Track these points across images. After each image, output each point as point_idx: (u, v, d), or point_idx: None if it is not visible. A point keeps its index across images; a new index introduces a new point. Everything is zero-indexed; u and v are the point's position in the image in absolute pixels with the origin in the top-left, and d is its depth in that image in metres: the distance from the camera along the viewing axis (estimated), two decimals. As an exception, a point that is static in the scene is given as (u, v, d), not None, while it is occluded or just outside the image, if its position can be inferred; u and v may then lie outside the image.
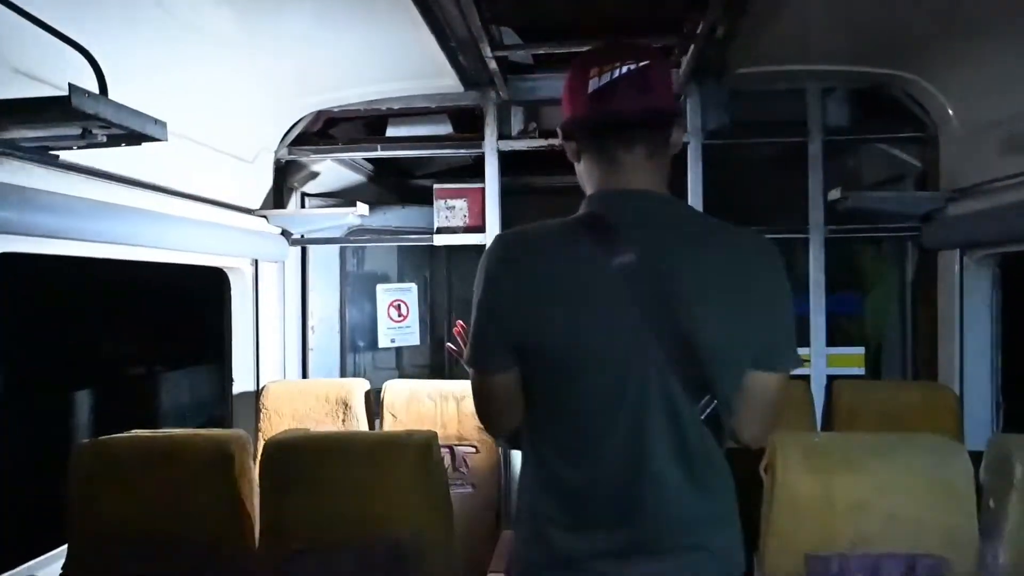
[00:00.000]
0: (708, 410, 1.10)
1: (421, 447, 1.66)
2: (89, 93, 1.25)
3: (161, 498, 1.69)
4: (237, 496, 1.70)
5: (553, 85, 2.86)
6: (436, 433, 1.71)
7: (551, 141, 2.89)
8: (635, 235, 1.08)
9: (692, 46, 2.37)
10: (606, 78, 1.09)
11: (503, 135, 2.92)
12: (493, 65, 2.46)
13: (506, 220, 2.99)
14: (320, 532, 1.66)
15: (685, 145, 2.83)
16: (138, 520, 1.68)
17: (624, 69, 1.09)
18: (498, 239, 1.18)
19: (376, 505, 1.65)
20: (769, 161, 3.49)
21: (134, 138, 1.45)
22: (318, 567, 1.64)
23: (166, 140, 1.51)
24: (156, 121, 1.46)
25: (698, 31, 2.23)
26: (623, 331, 1.07)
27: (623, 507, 1.11)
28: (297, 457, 1.67)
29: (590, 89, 1.10)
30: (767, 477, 1.64)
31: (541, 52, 2.41)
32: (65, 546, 1.71)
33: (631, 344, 1.07)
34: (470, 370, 1.22)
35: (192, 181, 2.39)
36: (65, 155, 1.74)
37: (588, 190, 1.20)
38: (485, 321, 1.14)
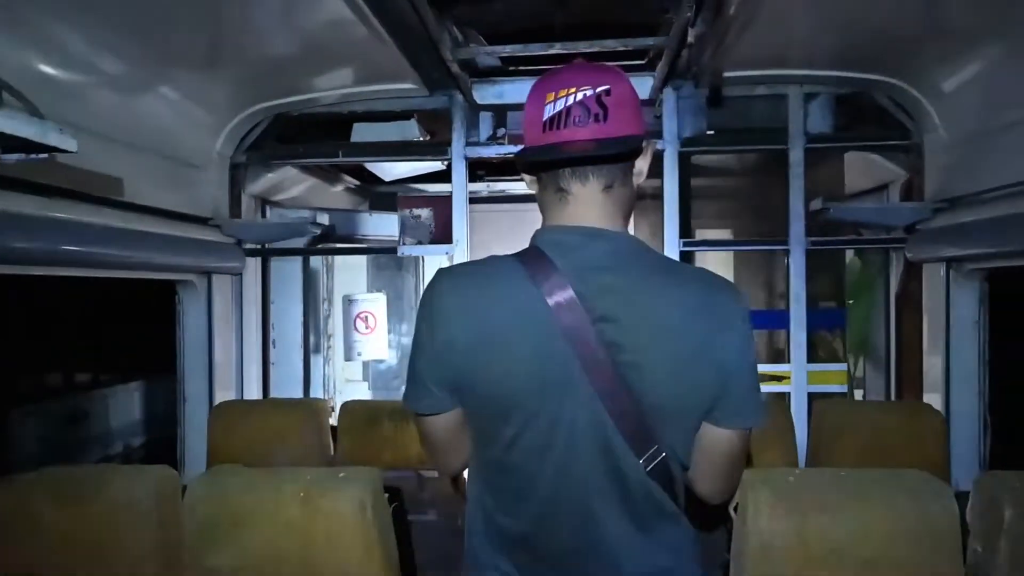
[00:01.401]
0: (655, 462, 1.02)
1: (361, 486, 1.52)
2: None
3: (77, 542, 1.54)
4: (163, 539, 1.56)
5: (522, 89, 2.71)
6: (379, 470, 1.57)
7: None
8: (577, 276, 1.00)
9: (665, 49, 2.25)
10: (560, 104, 1.00)
11: (471, 141, 2.79)
12: (455, 68, 2.32)
13: (475, 230, 2.86)
14: (250, 577, 1.52)
15: (660, 152, 2.70)
16: (50, 568, 1.53)
17: (580, 95, 0.99)
18: (438, 275, 1.11)
19: (312, 550, 1.51)
20: (752, 170, 3.38)
21: (33, 150, 1.30)
22: (248, 616, 1.50)
23: (75, 151, 1.36)
24: (60, 129, 1.32)
25: (671, 33, 2.10)
26: (555, 377, 1.00)
27: (567, 561, 1.06)
28: (225, 497, 1.52)
29: (544, 116, 1.01)
30: (736, 518, 1.52)
31: (505, 55, 2.27)
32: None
33: (563, 390, 1.00)
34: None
35: (137, 190, 2.24)
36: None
37: (542, 223, 1.11)
38: (422, 361, 1.07)
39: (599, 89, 1.00)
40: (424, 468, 2.49)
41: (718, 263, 3.70)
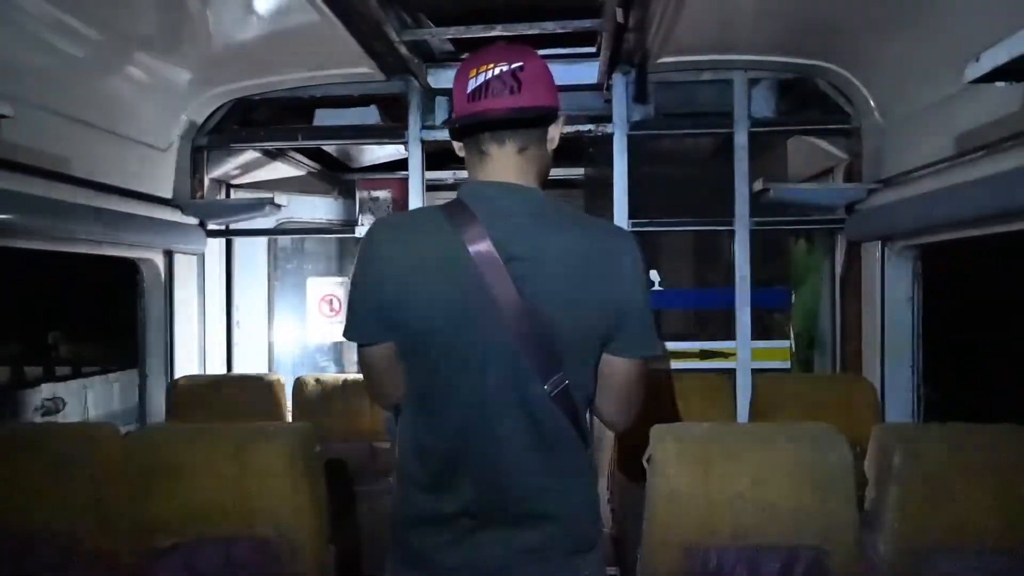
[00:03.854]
0: (559, 388, 1.16)
1: (291, 440, 1.60)
2: None
3: (17, 494, 1.61)
4: (101, 492, 1.63)
5: (476, 74, 2.79)
6: (310, 425, 1.65)
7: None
8: (492, 222, 1.15)
9: (604, 32, 2.33)
10: (481, 79, 1.16)
11: (427, 125, 2.86)
12: (404, 51, 2.40)
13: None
14: (185, 527, 1.60)
15: (610, 136, 2.79)
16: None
17: (497, 71, 1.15)
18: (376, 223, 1.27)
19: (242, 500, 1.58)
20: (705, 153, 3.46)
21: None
22: (183, 563, 1.58)
23: (11, 115, 1.43)
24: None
25: (605, 15, 2.18)
26: (471, 309, 1.14)
27: (474, 474, 1.18)
28: (160, 451, 1.60)
29: (467, 89, 1.17)
30: (649, 468, 1.60)
31: (449, 36, 2.35)
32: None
33: (477, 321, 1.14)
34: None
35: (98, 171, 2.30)
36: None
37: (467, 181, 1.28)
38: (360, 296, 1.22)
39: (513, 66, 1.15)
40: (377, 440, 2.56)
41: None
